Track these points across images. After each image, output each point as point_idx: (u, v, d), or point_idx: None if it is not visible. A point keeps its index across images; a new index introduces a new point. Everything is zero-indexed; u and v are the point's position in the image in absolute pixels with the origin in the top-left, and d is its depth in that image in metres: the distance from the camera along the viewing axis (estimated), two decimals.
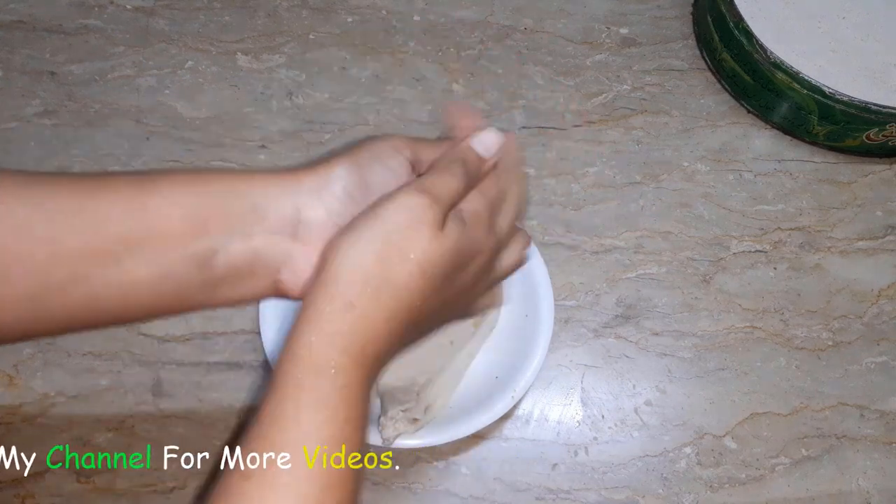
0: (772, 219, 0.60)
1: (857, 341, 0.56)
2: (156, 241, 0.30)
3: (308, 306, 0.30)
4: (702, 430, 0.52)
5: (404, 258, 0.30)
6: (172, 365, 0.51)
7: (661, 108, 0.64)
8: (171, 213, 0.31)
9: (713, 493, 0.50)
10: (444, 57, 0.65)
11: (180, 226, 0.31)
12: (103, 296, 0.30)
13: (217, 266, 0.31)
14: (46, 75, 0.61)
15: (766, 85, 0.61)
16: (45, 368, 0.51)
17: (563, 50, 0.66)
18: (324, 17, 0.66)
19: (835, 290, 0.58)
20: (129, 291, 0.30)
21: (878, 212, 0.61)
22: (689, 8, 0.70)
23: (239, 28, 0.65)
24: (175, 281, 0.31)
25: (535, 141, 0.62)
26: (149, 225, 0.30)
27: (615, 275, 0.57)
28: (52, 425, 0.49)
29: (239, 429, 0.49)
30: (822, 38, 0.62)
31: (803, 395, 0.54)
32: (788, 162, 0.63)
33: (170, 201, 0.31)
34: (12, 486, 0.47)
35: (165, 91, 0.62)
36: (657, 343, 0.55)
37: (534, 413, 0.52)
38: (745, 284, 0.57)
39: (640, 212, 0.60)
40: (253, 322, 0.52)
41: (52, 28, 0.64)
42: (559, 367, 0.54)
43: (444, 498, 0.49)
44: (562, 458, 0.51)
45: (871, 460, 0.52)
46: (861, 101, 0.57)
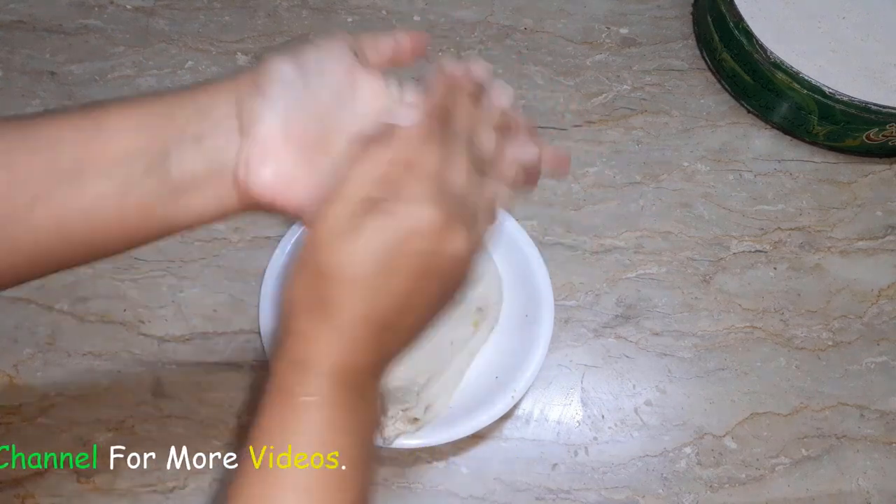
0: (772, 219, 0.60)
1: (857, 341, 0.56)
2: (111, 156, 0.31)
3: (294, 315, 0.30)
4: (702, 430, 0.52)
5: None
6: (172, 365, 0.51)
7: (661, 108, 0.64)
8: (123, 129, 0.31)
9: (713, 493, 0.50)
10: (444, 57, 0.65)
11: (133, 139, 0.31)
12: (68, 218, 0.30)
13: (173, 174, 0.31)
14: (46, 75, 0.61)
15: (766, 85, 0.61)
16: (45, 368, 0.51)
17: (563, 50, 0.66)
18: (324, 17, 0.66)
19: (835, 290, 0.58)
20: (92, 210, 0.31)
21: (878, 212, 0.61)
22: (689, 8, 0.70)
23: (239, 28, 0.65)
24: (137, 195, 0.31)
25: None
26: (103, 141, 0.31)
27: (615, 275, 0.57)
28: (52, 425, 0.49)
29: (240, 430, 0.49)
30: (822, 38, 0.62)
31: (803, 395, 0.54)
32: (788, 162, 0.63)
33: (121, 118, 0.31)
34: (12, 486, 0.47)
35: None
36: (657, 343, 0.55)
37: (534, 413, 0.52)
38: (745, 284, 0.57)
39: (640, 212, 0.60)
40: (253, 322, 0.52)
41: (52, 28, 0.64)
42: (559, 367, 0.54)
43: (444, 498, 0.49)
44: (562, 458, 0.51)
45: (871, 460, 0.52)
46: (861, 101, 0.57)
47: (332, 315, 0.29)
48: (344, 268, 0.29)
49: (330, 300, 0.29)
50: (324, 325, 0.30)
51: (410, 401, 0.47)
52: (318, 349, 0.30)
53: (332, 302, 0.29)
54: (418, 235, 0.29)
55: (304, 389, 0.30)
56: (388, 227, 0.29)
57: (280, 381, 0.30)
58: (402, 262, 0.29)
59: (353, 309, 0.29)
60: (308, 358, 0.30)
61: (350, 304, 0.29)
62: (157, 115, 0.32)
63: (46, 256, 0.32)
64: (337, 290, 0.29)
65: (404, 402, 0.47)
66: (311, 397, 0.29)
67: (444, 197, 0.30)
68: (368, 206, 0.29)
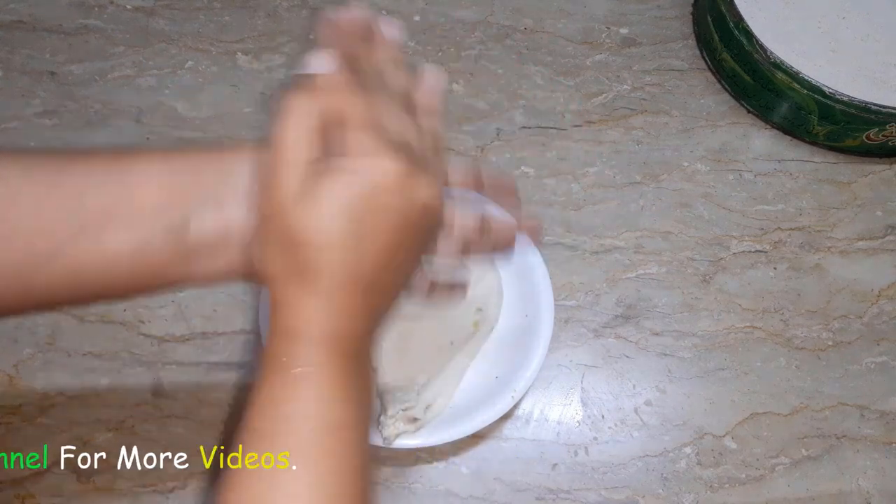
0: (772, 219, 0.60)
1: (857, 341, 0.56)
2: (133, 212, 0.31)
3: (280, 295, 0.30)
4: (702, 430, 0.52)
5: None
6: (172, 365, 0.51)
7: (661, 108, 0.64)
8: (147, 184, 0.31)
9: (713, 493, 0.50)
10: (444, 57, 0.65)
11: (156, 196, 0.31)
12: (84, 269, 0.31)
13: (191, 237, 0.31)
14: (46, 75, 0.61)
15: (766, 85, 0.61)
16: (45, 368, 0.51)
17: (563, 50, 0.66)
18: None
19: (835, 290, 0.58)
20: (108, 264, 0.31)
21: (878, 212, 0.61)
22: (689, 8, 0.70)
23: (239, 28, 0.65)
24: (152, 252, 0.31)
25: (535, 141, 0.62)
26: (126, 196, 0.31)
27: (615, 275, 0.57)
28: (52, 425, 0.49)
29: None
30: (822, 38, 0.62)
31: (803, 395, 0.54)
32: (788, 162, 0.63)
33: (146, 173, 0.31)
34: (12, 486, 0.47)
35: (165, 91, 0.62)
36: (657, 343, 0.55)
37: (534, 413, 0.52)
38: (745, 284, 0.57)
39: (640, 212, 0.60)
40: (253, 322, 0.52)
41: (52, 28, 0.64)
42: (559, 367, 0.54)
43: (444, 498, 0.49)
44: (562, 458, 0.51)
45: (871, 460, 0.52)
46: (861, 101, 0.57)
47: (313, 281, 0.29)
48: (317, 233, 0.28)
49: (309, 266, 0.28)
50: (308, 293, 0.29)
51: (410, 401, 0.47)
52: (307, 317, 0.29)
53: (312, 268, 0.28)
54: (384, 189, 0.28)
55: (296, 360, 0.29)
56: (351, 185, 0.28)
57: (272, 353, 0.30)
58: (375, 219, 0.28)
59: (335, 273, 0.28)
60: (296, 326, 0.29)
61: (330, 268, 0.28)
62: (182, 174, 0.32)
63: (55, 299, 0.32)
64: (314, 255, 0.28)
65: (404, 402, 0.47)
66: (304, 367, 0.29)
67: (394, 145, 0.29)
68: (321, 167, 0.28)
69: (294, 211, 0.28)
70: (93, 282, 0.31)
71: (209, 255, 0.32)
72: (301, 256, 0.28)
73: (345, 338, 0.30)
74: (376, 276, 0.29)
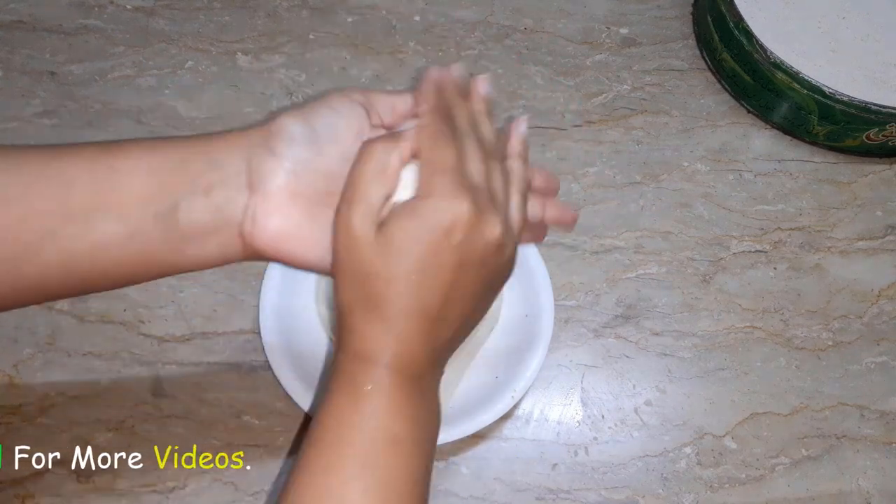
0: (772, 219, 0.60)
1: (857, 341, 0.56)
2: (122, 201, 0.31)
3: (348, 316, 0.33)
4: (702, 430, 0.52)
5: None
6: (172, 365, 0.51)
7: (661, 108, 0.64)
8: (135, 172, 0.32)
9: (713, 493, 0.50)
10: (444, 57, 0.65)
11: (145, 185, 0.32)
12: (75, 257, 0.31)
13: (181, 223, 0.32)
14: (46, 75, 0.61)
15: (766, 85, 0.61)
16: (45, 368, 0.51)
17: (563, 50, 0.66)
18: (324, 17, 0.66)
19: (835, 290, 0.58)
20: (99, 251, 0.31)
21: (878, 212, 0.61)
22: (689, 8, 0.70)
23: (239, 28, 0.65)
24: (143, 239, 0.32)
25: (535, 141, 0.62)
26: (115, 185, 0.31)
27: (615, 275, 0.57)
28: (52, 425, 0.49)
29: (240, 430, 0.49)
30: (822, 38, 0.62)
31: (803, 395, 0.54)
32: (788, 162, 0.63)
33: (134, 161, 0.32)
34: (12, 486, 0.47)
35: (165, 91, 0.62)
36: (657, 343, 0.55)
37: (534, 413, 0.52)
38: (745, 284, 0.57)
39: (640, 212, 0.60)
40: (253, 322, 0.52)
41: (52, 28, 0.64)
42: (559, 367, 0.54)
43: (444, 498, 0.49)
44: (562, 458, 0.51)
45: (871, 460, 0.52)
46: (861, 101, 0.57)
47: (381, 309, 0.31)
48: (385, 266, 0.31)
49: (377, 297, 0.31)
50: (376, 320, 0.31)
51: None
52: (375, 342, 0.32)
53: (380, 298, 0.31)
54: (452, 229, 0.30)
55: (365, 379, 0.32)
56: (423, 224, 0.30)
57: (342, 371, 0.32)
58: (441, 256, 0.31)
59: (400, 303, 0.31)
60: (365, 350, 0.32)
61: (396, 298, 0.31)
62: (170, 163, 0.32)
63: (48, 289, 0.33)
64: (382, 287, 0.31)
65: None
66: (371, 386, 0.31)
67: (470, 188, 0.31)
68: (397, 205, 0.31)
69: (368, 245, 0.31)
70: (85, 269, 0.32)
71: (201, 241, 0.33)
72: (370, 287, 0.31)
73: (409, 362, 0.32)
74: (442, 308, 0.32)
